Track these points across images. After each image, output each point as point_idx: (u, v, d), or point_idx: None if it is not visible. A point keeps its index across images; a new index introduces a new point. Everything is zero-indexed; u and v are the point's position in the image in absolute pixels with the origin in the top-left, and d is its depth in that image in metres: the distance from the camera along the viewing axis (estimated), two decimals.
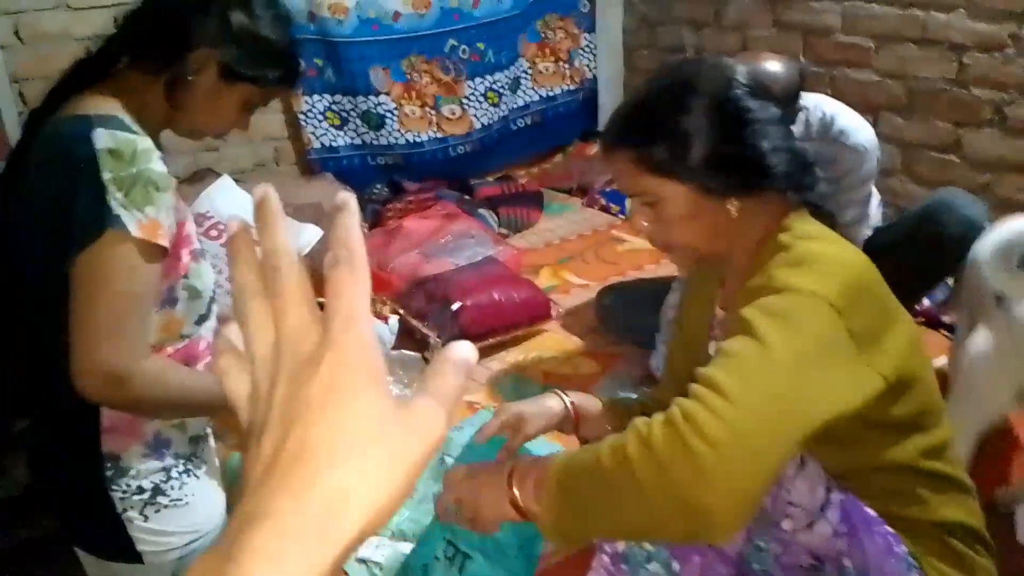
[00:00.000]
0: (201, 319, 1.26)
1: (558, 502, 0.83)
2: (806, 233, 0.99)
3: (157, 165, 1.10)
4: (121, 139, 1.07)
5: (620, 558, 0.87)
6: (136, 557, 1.23)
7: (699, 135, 0.98)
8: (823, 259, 0.94)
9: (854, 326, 0.87)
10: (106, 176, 1.05)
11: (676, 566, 0.83)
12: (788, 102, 1.56)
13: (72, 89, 1.14)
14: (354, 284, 0.34)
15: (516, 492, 0.88)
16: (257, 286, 0.36)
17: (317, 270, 0.36)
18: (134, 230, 1.06)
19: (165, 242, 1.11)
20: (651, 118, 1.03)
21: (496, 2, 3.07)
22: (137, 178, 1.07)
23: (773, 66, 1.62)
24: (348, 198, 0.36)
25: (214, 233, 2.07)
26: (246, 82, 1.19)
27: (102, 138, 1.06)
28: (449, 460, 1.43)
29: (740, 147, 0.99)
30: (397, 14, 2.90)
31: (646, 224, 1.07)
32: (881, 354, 0.89)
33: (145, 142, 1.10)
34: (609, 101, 3.33)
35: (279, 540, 0.30)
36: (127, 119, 1.12)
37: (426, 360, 1.77)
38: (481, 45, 3.10)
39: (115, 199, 1.05)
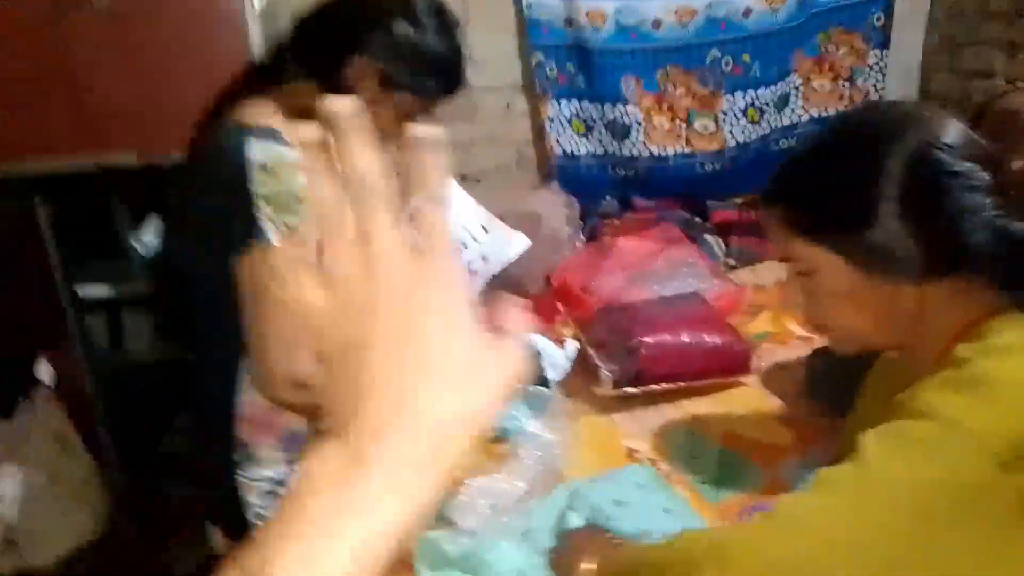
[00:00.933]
0: None
1: None
2: (1001, 346, 0.75)
3: (302, 179, 1.12)
4: (273, 153, 1.11)
5: None
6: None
7: (864, 199, 0.79)
8: (1006, 386, 0.71)
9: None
10: (256, 190, 1.10)
11: None
12: None
13: (242, 92, 1.20)
14: (443, 221, 0.37)
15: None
16: (342, 204, 0.37)
17: (517, 282, 0.36)
18: (279, 244, 1.10)
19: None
20: (810, 172, 0.85)
21: (771, 13, 2.82)
22: (284, 193, 1.10)
23: None
24: (429, 131, 0.38)
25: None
26: (406, 92, 1.18)
27: (256, 151, 1.11)
28: (572, 515, 1.33)
29: (920, 221, 0.78)
30: (658, 22, 2.77)
31: (800, 297, 0.90)
32: None
33: (294, 156, 1.13)
34: None
35: (408, 458, 0.34)
36: (283, 130, 1.16)
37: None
38: (747, 58, 2.86)
39: (263, 213, 1.10)
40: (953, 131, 0.80)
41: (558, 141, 2.84)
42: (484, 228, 2.25)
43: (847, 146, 0.83)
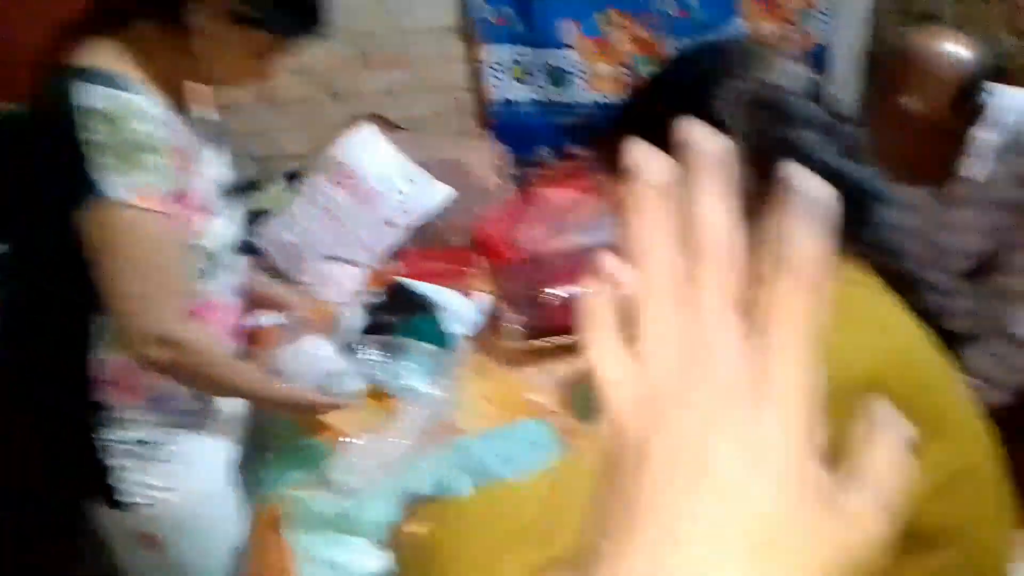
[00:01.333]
0: (202, 273, 1.23)
1: None
2: None
3: (145, 126, 1.05)
4: (110, 98, 1.04)
5: None
6: (113, 504, 1.26)
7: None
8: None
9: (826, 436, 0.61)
10: (89, 138, 1.03)
11: None
12: (966, 95, 1.19)
13: (87, 31, 1.13)
14: (811, 314, 0.26)
15: None
16: (676, 268, 0.27)
17: (441, 233, 0.26)
18: (126, 196, 1.04)
19: (158, 207, 1.08)
20: (635, 115, 0.81)
21: None
22: (124, 142, 1.04)
23: (950, 49, 1.22)
24: (816, 188, 0.26)
25: (340, 181, 2.06)
26: (256, 28, 1.11)
27: (90, 96, 1.03)
28: (452, 474, 1.30)
29: (749, 164, 0.73)
30: None
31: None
32: None
33: (136, 102, 1.06)
34: (843, 73, 2.85)
35: None
36: (127, 73, 1.09)
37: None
38: (693, 1, 2.77)
39: (101, 164, 1.03)
40: (783, 69, 0.75)
41: (496, 87, 2.76)
42: (411, 180, 2.18)
43: (674, 88, 0.78)
